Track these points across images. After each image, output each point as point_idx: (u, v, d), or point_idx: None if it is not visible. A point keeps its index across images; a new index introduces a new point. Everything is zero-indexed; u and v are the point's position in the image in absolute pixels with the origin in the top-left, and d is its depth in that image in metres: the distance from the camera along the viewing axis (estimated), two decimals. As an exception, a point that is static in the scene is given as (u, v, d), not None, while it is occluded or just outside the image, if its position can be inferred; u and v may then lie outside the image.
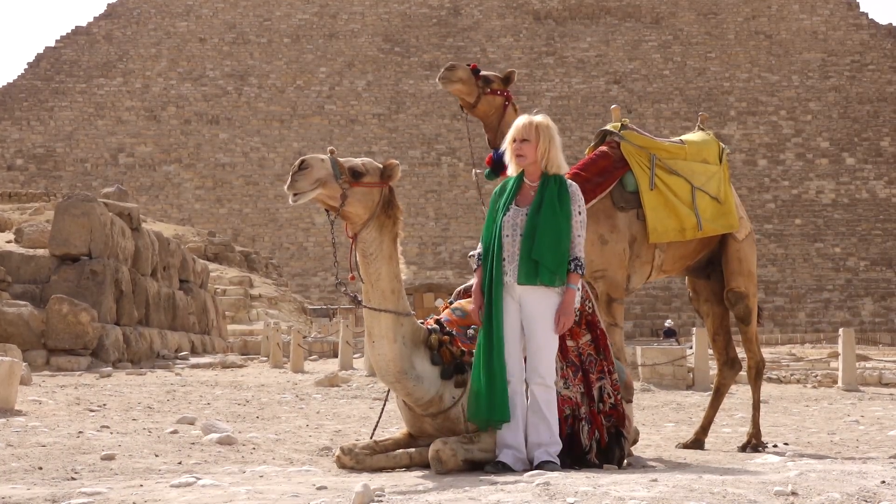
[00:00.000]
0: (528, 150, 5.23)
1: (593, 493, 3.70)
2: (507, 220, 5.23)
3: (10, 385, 8.48)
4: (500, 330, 5.11)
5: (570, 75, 78.05)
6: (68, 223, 19.00)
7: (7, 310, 17.02)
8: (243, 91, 76.18)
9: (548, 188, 5.21)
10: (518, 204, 5.25)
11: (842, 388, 15.51)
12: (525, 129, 5.25)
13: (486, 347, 5.10)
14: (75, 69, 76.32)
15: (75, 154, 71.66)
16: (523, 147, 5.23)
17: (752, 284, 7.64)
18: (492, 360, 5.07)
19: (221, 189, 71.13)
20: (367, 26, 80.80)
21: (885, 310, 64.25)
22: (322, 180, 5.08)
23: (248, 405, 10.53)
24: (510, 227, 5.21)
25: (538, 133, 5.24)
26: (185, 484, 4.51)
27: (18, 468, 5.30)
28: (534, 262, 5.08)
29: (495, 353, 5.08)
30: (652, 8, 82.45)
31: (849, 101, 76.17)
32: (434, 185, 70.97)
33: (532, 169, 5.28)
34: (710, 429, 7.86)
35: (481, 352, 5.12)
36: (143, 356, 20.11)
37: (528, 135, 5.24)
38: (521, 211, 5.22)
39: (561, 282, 5.14)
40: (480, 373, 5.08)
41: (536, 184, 5.26)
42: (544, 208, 5.15)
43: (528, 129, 5.25)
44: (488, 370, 5.05)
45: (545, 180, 5.24)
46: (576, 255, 5.21)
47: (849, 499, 3.68)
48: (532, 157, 5.24)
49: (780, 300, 64.18)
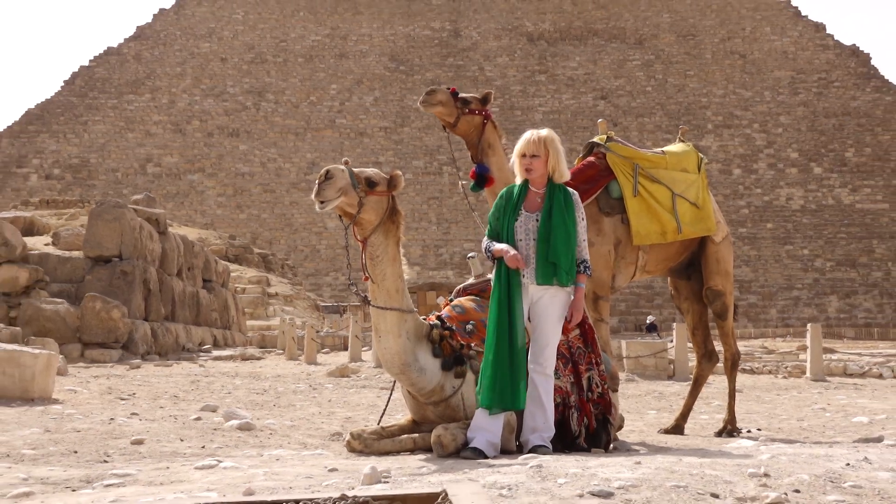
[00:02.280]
0: (538, 164, 5.22)
1: (582, 474, 3.70)
2: (519, 225, 5.20)
3: (47, 376, 8.49)
4: (520, 326, 5.10)
5: (561, 92, 78.06)
6: (101, 227, 19.00)
7: (45, 307, 17.02)
8: (261, 106, 76.18)
9: (555, 196, 5.21)
10: (527, 209, 5.25)
11: (810, 378, 15.50)
12: (535, 144, 5.23)
13: (507, 341, 5.05)
14: (107, 86, 76.34)
15: (107, 164, 71.65)
16: (533, 162, 5.22)
17: (729, 283, 7.65)
18: (515, 355, 5.05)
19: (241, 196, 71.13)
20: (375, 47, 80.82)
21: (849, 306, 64.24)
22: (344, 189, 5.07)
23: (266, 394, 10.53)
24: (523, 232, 5.20)
25: (547, 148, 5.23)
26: (207, 466, 4.51)
27: (56, 452, 5.30)
28: (551, 264, 5.09)
29: (518, 348, 5.06)
30: (636, 30, 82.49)
31: (816, 116, 76.14)
32: (436, 193, 70.95)
33: (538, 180, 5.28)
34: (689, 416, 7.85)
35: (500, 345, 5.05)
36: (169, 349, 20.10)
37: (537, 150, 5.22)
38: (531, 216, 5.20)
39: (572, 281, 5.17)
40: (499, 364, 5.02)
41: (542, 191, 5.25)
42: (555, 215, 5.14)
43: (538, 144, 5.23)
44: (512, 365, 5.03)
45: (551, 188, 5.24)
46: (583, 257, 5.24)
47: (816, 479, 3.67)
48: (542, 170, 5.23)
49: (753, 298, 64.15)
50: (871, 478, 3.74)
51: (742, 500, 3.38)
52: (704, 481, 3.62)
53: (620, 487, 3.45)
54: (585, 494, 3.34)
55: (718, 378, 13.54)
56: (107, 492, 3.87)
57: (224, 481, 4.02)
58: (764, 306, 63.90)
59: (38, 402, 7.98)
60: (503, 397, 5.00)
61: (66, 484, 4.14)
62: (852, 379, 15.88)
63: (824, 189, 72.01)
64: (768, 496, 3.37)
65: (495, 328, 5.07)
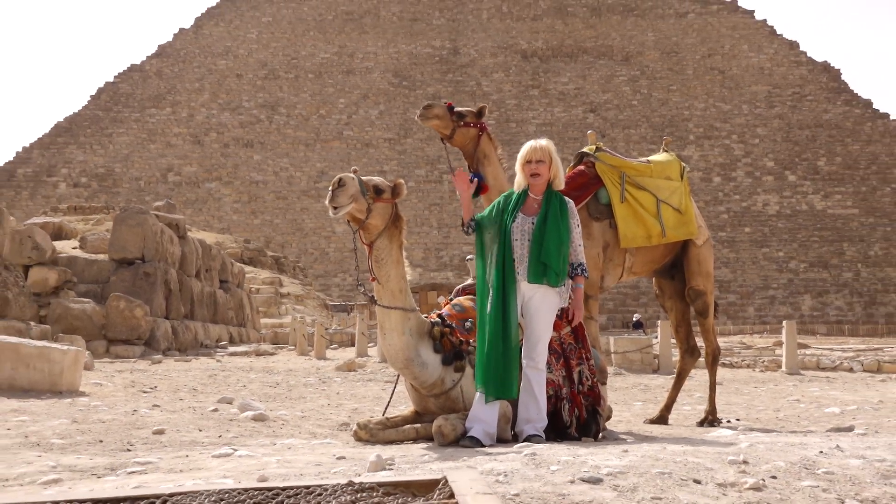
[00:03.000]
0: (544, 169, 5.24)
1: (573, 461, 3.69)
2: (516, 226, 5.21)
3: (75, 370, 8.48)
4: (514, 321, 5.10)
5: (553, 105, 78.10)
6: (125, 232, 19.00)
7: (73, 306, 17.02)
8: (274, 119, 76.21)
9: (552, 203, 5.22)
10: (524, 212, 5.25)
11: (785, 372, 15.48)
12: (540, 151, 5.25)
13: (502, 336, 5.06)
14: (131, 101, 76.38)
15: (131, 173, 71.67)
16: (539, 167, 5.23)
17: (710, 283, 7.64)
18: (509, 348, 5.06)
19: (255, 203, 71.12)
20: (380, 64, 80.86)
21: (822, 305, 64.24)
22: (355, 196, 5.06)
23: (278, 387, 10.51)
24: (519, 233, 5.20)
25: (550, 155, 5.26)
26: (224, 454, 4.51)
27: (83, 441, 5.29)
28: (542, 264, 5.10)
29: (513, 342, 5.07)
30: (622, 48, 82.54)
31: (790, 127, 76.20)
32: (437, 199, 70.95)
33: (540, 186, 5.28)
34: (673, 407, 7.84)
35: (496, 338, 5.06)
36: (188, 345, 20.09)
37: (542, 157, 5.24)
38: (528, 219, 5.22)
39: (562, 282, 5.17)
40: (494, 355, 5.03)
41: (540, 197, 5.26)
42: (549, 220, 5.16)
43: (543, 152, 5.25)
44: (505, 356, 5.04)
45: (549, 196, 5.25)
46: (580, 261, 5.26)
47: (792, 466, 3.66)
48: (547, 175, 5.25)
49: (732, 297, 64.15)
50: (843, 465, 3.74)
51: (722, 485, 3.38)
52: (687, 468, 3.62)
53: (609, 474, 3.45)
54: (576, 480, 3.34)
55: (700, 372, 13.53)
56: (130, 478, 3.86)
57: (239, 469, 4.02)
58: (742, 305, 63.91)
59: (66, 395, 7.97)
60: (497, 386, 5.01)
61: (92, 471, 4.14)
62: (825, 372, 15.87)
63: (798, 195, 72.06)
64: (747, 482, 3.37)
65: (492, 322, 5.07)
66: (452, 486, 3.14)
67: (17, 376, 7.98)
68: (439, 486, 3.20)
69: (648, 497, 3.16)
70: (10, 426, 5.74)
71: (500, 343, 5.06)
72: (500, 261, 5.17)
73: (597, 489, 3.24)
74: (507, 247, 5.21)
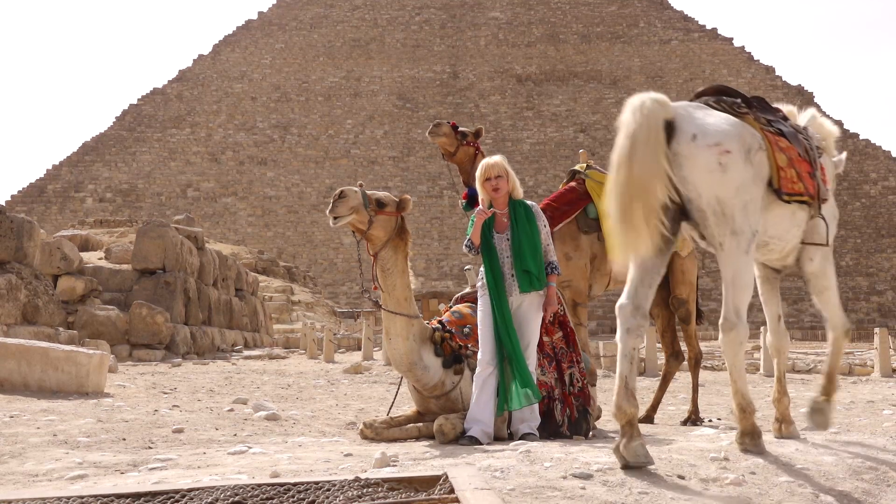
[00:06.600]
0: (503, 183, 5.25)
1: (565, 458, 3.69)
2: (496, 245, 5.23)
3: (100, 373, 8.48)
4: (516, 335, 5.10)
5: (546, 126, 78.27)
6: (147, 244, 19.01)
7: (99, 313, 17.01)
8: (286, 138, 76.36)
9: (517, 212, 5.24)
10: (497, 231, 5.25)
11: (763, 374, 15.45)
12: (497, 167, 5.26)
13: (508, 349, 5.05)
14: (153, 122, 76.55)
15: (153, 189, 71.75)
16: (499, 182, 5.24)
17: (693, 292, 7.65)
18: (517, 360, 5.04)
19: (268, 216, 71.18)
20: (385, 87, 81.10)
21: (797, 311, 64.20)
22: (355, 208, 5.07)
23: (290, 388, 10.49)
24: (498, 251, 5.22)
25: (506, 169, 5.27)
26: (239, 452, 4.50)
27: (107, 439, 5.28)
28: (526, 273, 5.11)
29: (518, 354, 5.06)
30: (610, 72, 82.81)
31: (767, 146, 76.31)
32: (438, 213, 70.99)
33: (502, 199, 5.27)
34: (659, 407, 7.84)
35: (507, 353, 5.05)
36: (206, 350, 20.06)
37: (500, 172, 5.25)
38: (502, 237, 5.23)
39: (544, 285, 5.17)
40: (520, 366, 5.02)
41: (506, 210, 5.27)
42: (520, 229, 5.18)
43: (499, 167, 5.26)
44: (519, 367, 5.02)
45: (513, 206, 5.27)
46: (549, 259, 5.26)
47: (770, 463, 3.66)
48: (506, 188, 5.26)
49: (713, 304, 64.00)
50: (818, 461, 3.73)
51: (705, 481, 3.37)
52: (672, 464, 3.61)
53: (599, 470, 3.44)
54: (568, 476, 3.34)
55: (684, 374, 13.51)
56: (151, 474, 3.86)
57: (253, 465, 4.01)
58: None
59: (91, 396, 7.96)
60: (535, 390, 5.04)
61: (115, 467, 4.13)
62: (800, 375, 15.84)
63: (774, 210, 72.11)
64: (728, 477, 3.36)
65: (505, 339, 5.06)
66: (452, 481, 3.14)
67: (47, 378, 7.97)
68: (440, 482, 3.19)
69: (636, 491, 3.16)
70: (40, 425, 5.73)
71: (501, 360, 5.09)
72: (490, 277, 5.19)
73: (588, 484, 3.23)
74: (494, 262, 5.21)
